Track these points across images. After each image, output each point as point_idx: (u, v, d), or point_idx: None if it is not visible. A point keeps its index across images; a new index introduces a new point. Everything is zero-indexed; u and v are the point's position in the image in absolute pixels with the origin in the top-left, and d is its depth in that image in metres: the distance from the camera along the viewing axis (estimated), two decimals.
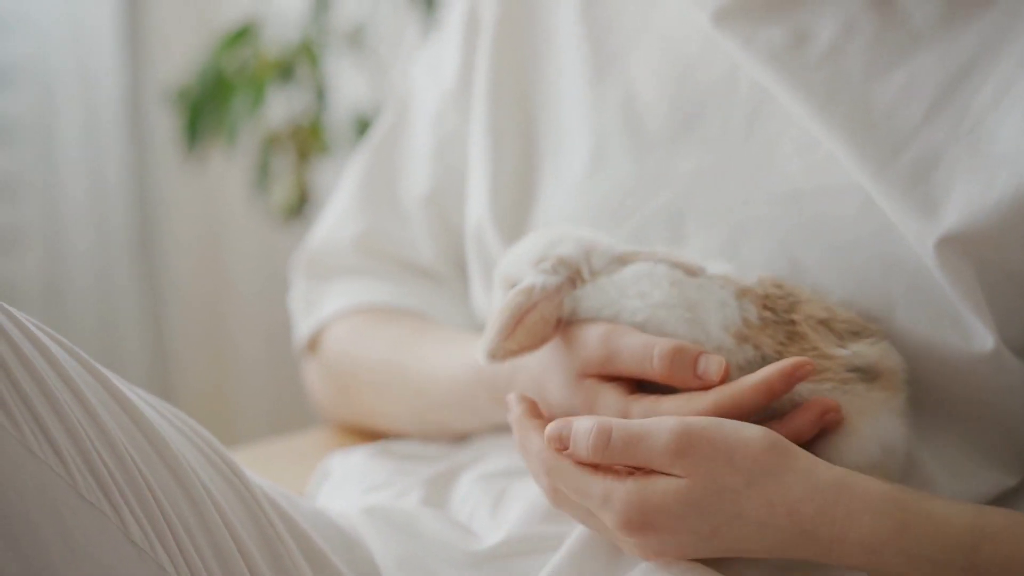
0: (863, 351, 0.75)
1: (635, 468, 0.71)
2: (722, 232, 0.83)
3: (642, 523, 0.70)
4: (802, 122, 0.83)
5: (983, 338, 0.76)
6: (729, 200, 0.84)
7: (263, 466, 1.08)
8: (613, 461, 0.71)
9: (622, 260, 0.79)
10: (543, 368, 0.80)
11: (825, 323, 0.76)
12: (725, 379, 0.74)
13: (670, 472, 0.69)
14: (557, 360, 0.79)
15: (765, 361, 0.75)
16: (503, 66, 0.97)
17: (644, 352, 0.75)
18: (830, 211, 0.80)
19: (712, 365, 0.74)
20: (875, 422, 0.75)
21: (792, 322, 0.75)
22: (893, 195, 0.78)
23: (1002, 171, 0.76)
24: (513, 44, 0.98)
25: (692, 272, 0.78)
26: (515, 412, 0.78)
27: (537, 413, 0.77)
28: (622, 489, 0.70)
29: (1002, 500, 0.82)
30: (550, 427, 0.72)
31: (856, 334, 0.76)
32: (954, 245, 0.76)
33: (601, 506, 0.71)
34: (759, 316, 0.76)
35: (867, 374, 0.75)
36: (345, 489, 0.89)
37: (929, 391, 0.78)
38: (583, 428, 0.71)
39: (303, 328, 1.07)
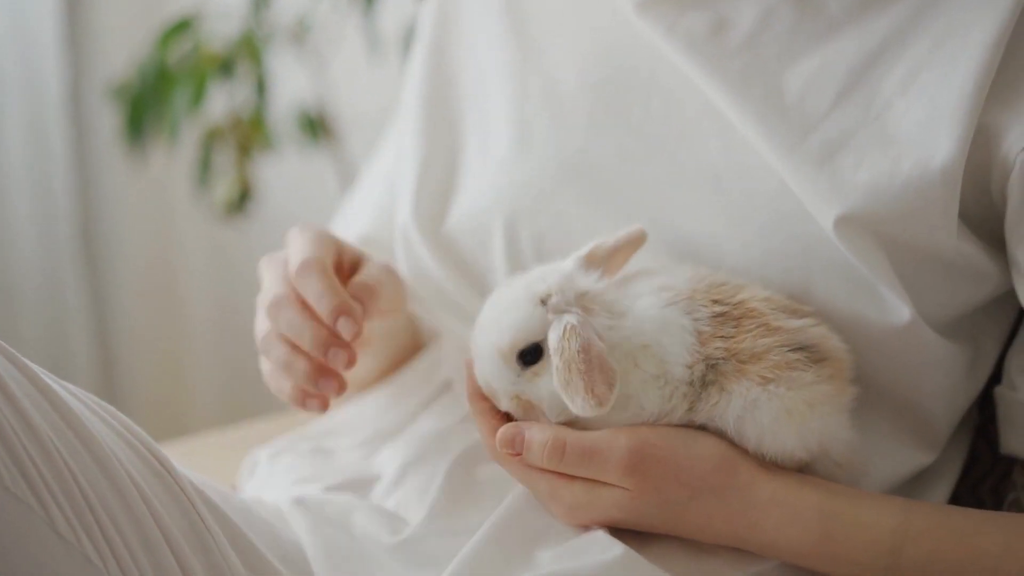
0: (806, 326, 0.77)
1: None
2: (644, 214, 0.84)
3: (588, 521, 0.76)
4: (719, 107, 0.84)
5: (899, 310, 0.79)
6: (650, 182, 0.85)
7: (201, 458, 1.08)
8: (566, 472, 0.74)
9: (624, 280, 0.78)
10: None
11: (767, 301, 0.77)
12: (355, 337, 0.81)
13: (619, 485, 0.74)
14: None
15: (714, 371, 0.75)
16: (435, 71, 0.98)
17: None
18: (749, 190, 0.82)
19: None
20: (823, 419, 0.75)
21: (741, 302, 0.76)
22: (801, 175, 0.80)
23: (909, 155, 0.78)
24: (444, 48, 0.99)
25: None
26: (467, 388, 0.79)
27: (482, 395, 0.79)
28: (568, 492, 0.75)
29: (918, 478, 0.85)
30: (502, 432, 0.75)
31: (794, 313, 0.78)
32: (855, 223, 0.77)
33: (547, 499, 0.76)
34: (710, 316, 0.75)
35: (812, 354, 0.76)
36: (274, 481, 0.89)
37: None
38: (538, 440, 0.74)
39: None
